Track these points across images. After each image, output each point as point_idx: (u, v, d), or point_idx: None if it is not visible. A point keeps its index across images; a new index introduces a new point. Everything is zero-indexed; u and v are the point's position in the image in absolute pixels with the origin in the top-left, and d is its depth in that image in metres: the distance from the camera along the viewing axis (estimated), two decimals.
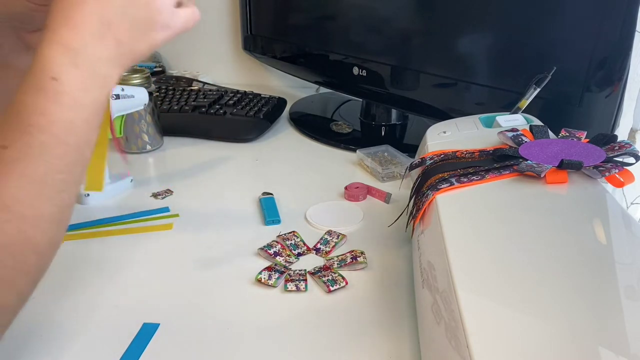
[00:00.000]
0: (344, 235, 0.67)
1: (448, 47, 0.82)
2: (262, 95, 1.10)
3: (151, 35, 0.41)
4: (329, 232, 0.68)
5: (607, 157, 0.51)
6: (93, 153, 0.41)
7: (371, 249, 0.65)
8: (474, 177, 0.52)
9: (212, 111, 1.02)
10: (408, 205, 0.61)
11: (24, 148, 0.35)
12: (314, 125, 1.04)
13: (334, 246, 0.65)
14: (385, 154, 0.87)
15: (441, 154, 0.58)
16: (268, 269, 0.60)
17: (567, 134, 0.57)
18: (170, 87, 1.14)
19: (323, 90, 1.24)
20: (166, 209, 0.74)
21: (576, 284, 0.37)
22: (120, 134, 0.86)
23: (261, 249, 0.64)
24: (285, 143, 0.99)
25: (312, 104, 1.17)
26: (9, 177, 0.35)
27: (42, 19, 0.41)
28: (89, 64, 0.38)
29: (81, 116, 0.38)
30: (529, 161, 0.52)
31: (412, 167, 0.61)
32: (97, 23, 0.38)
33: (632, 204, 0.82)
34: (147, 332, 0.52)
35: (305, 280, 0.59)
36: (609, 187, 0.50)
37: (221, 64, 1.35)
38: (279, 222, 0.71)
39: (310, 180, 0.83)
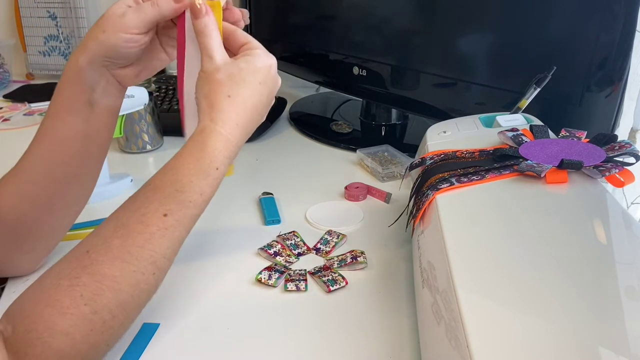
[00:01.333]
0: (344, 235, 0.67)
1: (448, 46, 0.82)
2: None
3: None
4: (329, 232, 0.68)
5: (607, 157, 0.51)
6: None
7: (371, 249, 0.65)
8: (474, 177, 0.51)
9: None
10: (408, 205, 0.61)
11: (181, 218, 0.45)
12: (314, 125, 1.04)
13: (334, 246, 0.65)
14: (386, 153, 0.87)
15: (441, 154, 0.58)
16: (268, 269, 0.60)
17: (567, 133, 0.57)
18: (171, 87, 1.14)
19: (323, 90, 1.24)
20: None
21: (576, 284, 0.37)
22: (121, 134, 0.86)
23: (261, 249, 0.64)
24: (285, 143, 0.99)
25: (312, 104, 1.17)
26: (163, 240, 0.44)
27: (135, 54, 0.51)
28: (235, 152, 0.49)
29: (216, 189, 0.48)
30: (529, 161, 0.52)
31: (412, 167, 0.61)
32: (247, 123, 0.49)
33: (632, 204, 0.82)
34: (147, 332, 0.52)
35: (305, 280, 0.59)
36: (609, 187, 0.50)
37: None
38: (279, 222, 0.71)
39: (310, 180, 0.83)
